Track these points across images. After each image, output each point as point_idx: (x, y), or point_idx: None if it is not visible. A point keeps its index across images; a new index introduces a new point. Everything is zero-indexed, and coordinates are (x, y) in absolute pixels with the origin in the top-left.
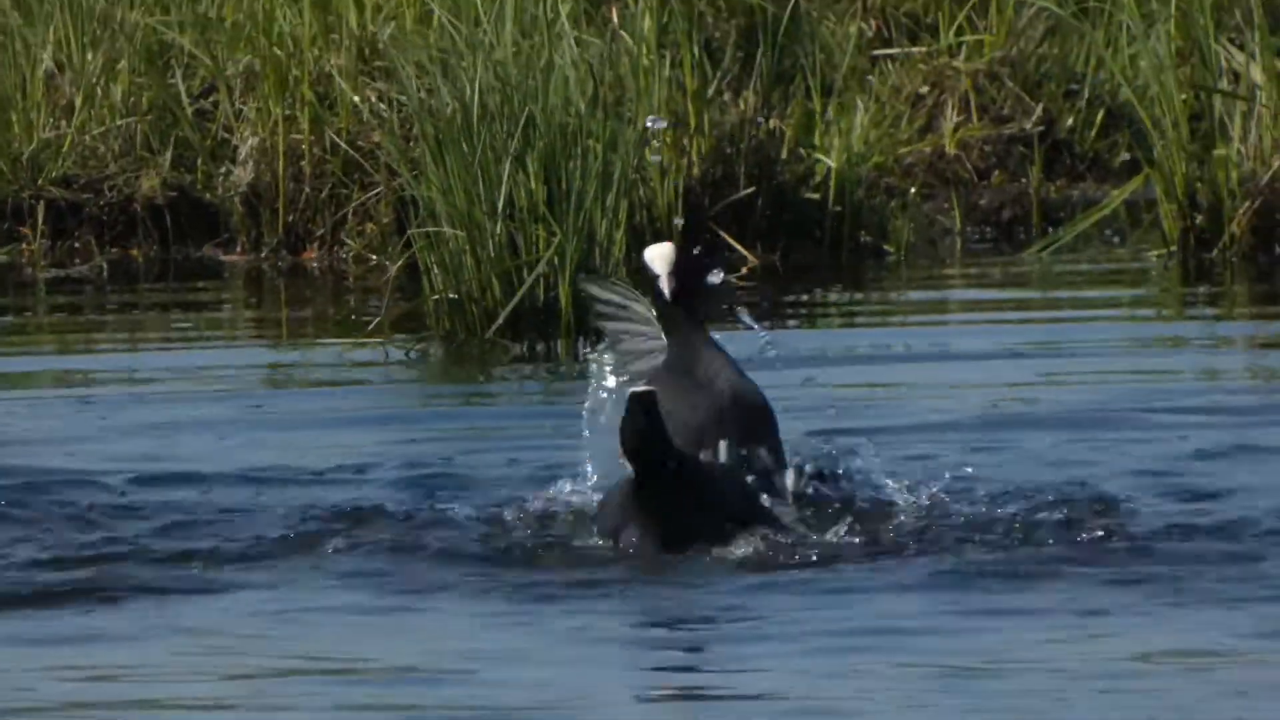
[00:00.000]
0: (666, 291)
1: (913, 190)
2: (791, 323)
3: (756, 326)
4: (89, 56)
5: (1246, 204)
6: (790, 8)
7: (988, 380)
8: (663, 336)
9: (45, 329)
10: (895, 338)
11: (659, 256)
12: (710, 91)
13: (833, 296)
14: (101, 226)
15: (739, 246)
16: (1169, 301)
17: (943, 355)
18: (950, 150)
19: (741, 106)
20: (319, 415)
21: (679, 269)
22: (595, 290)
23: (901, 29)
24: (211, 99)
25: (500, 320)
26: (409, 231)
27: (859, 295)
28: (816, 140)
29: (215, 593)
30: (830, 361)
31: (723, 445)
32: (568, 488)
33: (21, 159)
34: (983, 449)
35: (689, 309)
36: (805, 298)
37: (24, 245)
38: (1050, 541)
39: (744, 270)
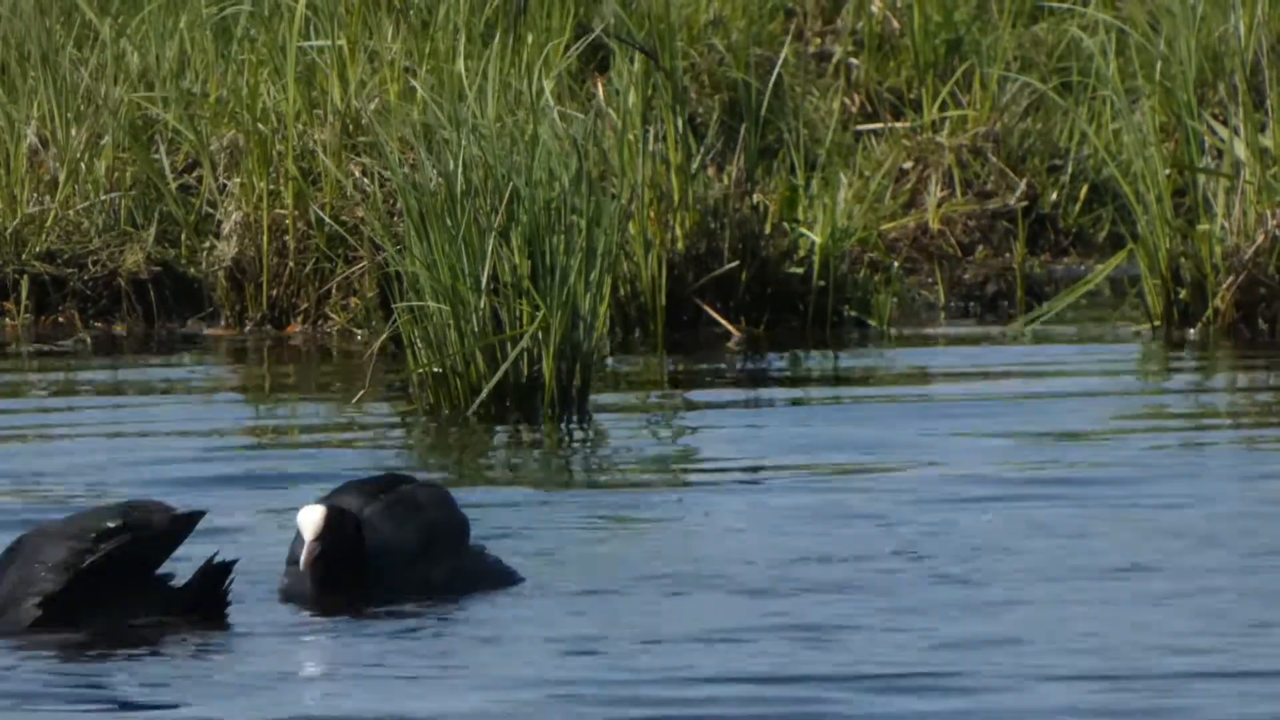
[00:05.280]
0: (302, 562)
1: (896, 265)
2: (776, 397)
3: None
4: (73, 132)
5: (1230, 279)
6: (773, 83)
7: (965, 455)
8: None
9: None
10: (877, 411)
11: (308, 522)
12: (694, 166)
13: (816, 371)
14: (85, 301)
15: (723, 320)
16: (1152, 376)
17: (922, 431)
18: (934, 225)
19: (725, 181)
20: (299, 487)
21: (329, 535)
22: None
23: (885, 104)
24: (195, 174)
25: (484, 395)
26: (393, 306)
27: (843, 369)
28: (800, 215)
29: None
30: (813, 438)
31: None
32: None
33: (5, 234)
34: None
35: (333, 581)
36: (788, 372)
37: (7, 320)
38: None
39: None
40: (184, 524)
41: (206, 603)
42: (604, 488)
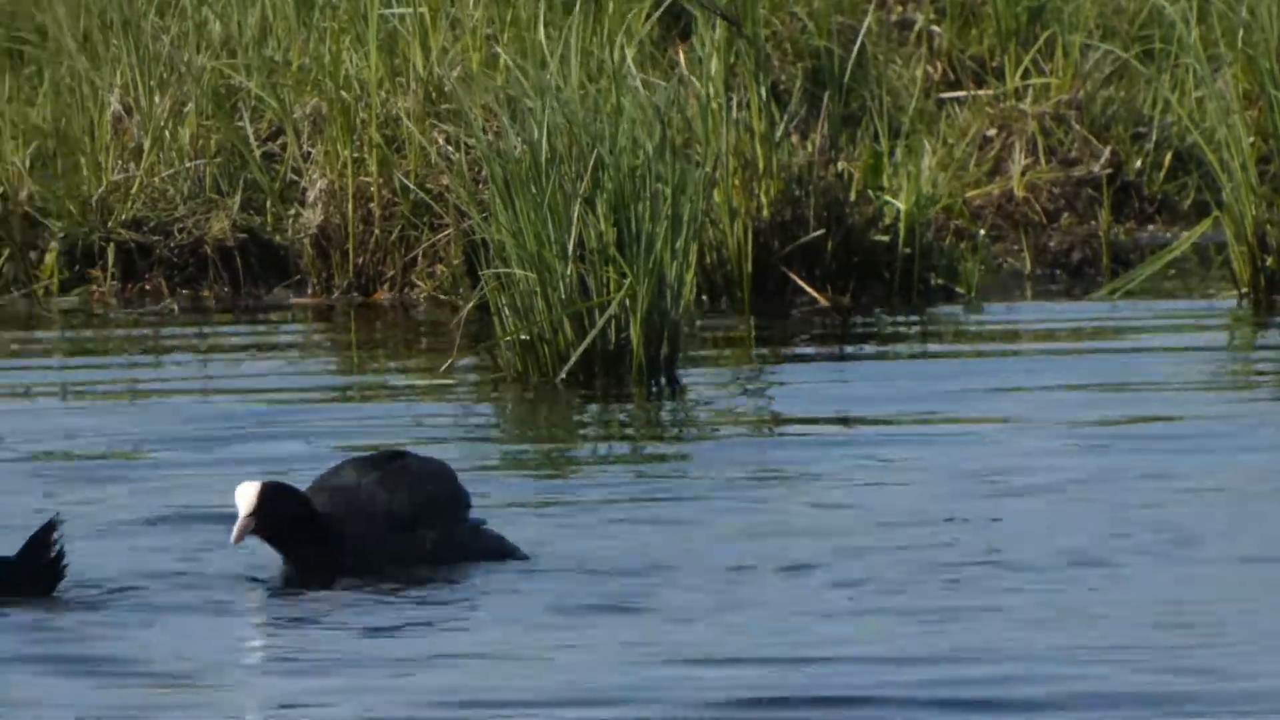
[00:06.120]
0: (233, 535)
1: (982, 232)
2: (863, 361)
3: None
4: (156, 100)
5: None
6: (856, 51)
7: (1054, 419)
8: None
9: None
10: (968, 375)
11: (241, 497)
12: (778, 134)
13: (903, 335)
14: (171, 268)
15: (808, 288)
16: (1241, 343)
17: (1013, 393)
18: (1019, 193)
19: (809, 149)
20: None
21: (262, 509)
22: None
23: (967, 72)
24: (279, 141)
25: (572, 362)
26: (480, 273)
27: (932, 336)
28: (885, 182)
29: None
30: (898, 396)
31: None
32: None
33: (91, 202)
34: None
35: (285, 545)
36: (875, 337)
37: (94, 287)
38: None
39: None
40: None
41: (34, 568)
42: (690, 453)
